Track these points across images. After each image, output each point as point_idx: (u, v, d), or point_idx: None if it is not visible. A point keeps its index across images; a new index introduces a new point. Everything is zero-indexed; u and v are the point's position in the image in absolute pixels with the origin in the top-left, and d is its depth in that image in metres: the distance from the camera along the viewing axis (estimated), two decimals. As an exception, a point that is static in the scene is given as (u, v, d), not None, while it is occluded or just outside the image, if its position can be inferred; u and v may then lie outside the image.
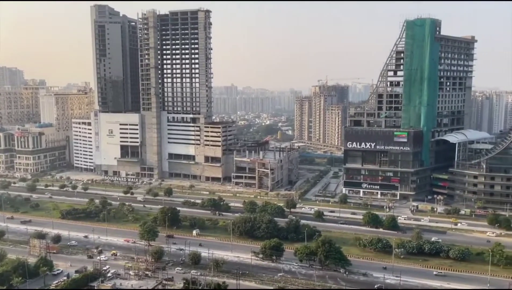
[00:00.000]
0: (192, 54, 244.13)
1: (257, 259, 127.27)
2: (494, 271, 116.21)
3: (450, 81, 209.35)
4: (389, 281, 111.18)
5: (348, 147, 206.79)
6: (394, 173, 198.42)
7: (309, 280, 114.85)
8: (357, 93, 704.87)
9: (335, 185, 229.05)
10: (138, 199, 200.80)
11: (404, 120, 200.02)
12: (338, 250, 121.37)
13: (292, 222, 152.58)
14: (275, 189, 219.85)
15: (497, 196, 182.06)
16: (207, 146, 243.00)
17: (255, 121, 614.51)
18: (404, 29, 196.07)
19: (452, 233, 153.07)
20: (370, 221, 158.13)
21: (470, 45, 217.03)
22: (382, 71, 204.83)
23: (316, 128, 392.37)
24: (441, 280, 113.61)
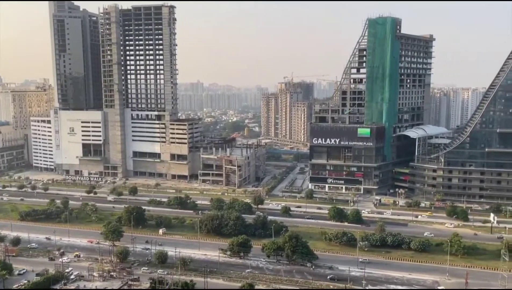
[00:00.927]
0: (157, 50, 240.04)
1: (225, 256, 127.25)
2: (452, 261, 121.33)
3: (410, 78, 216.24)
4: (354, 273, 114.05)
5: (314, 143, 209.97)
6: (358, 168, 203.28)
7: (276, 275, 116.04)
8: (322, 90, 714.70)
9: (301, 181, 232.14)
10: (108, 199, 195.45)
11: (367, 116, 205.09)
12: (305, 245, 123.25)
13: (260, 218, 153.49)
14: (243, 185, 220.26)
15: (455, 188, 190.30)
16: (173, 143, 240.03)
17: (221, 118, 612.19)
18: (367, 28, 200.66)
19: (413, 225, 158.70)
20: (336, 215, 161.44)
21: (429, 44, 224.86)
22: (346, 69, 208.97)
23: (282, 124, 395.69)
24: (404, 271, 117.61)
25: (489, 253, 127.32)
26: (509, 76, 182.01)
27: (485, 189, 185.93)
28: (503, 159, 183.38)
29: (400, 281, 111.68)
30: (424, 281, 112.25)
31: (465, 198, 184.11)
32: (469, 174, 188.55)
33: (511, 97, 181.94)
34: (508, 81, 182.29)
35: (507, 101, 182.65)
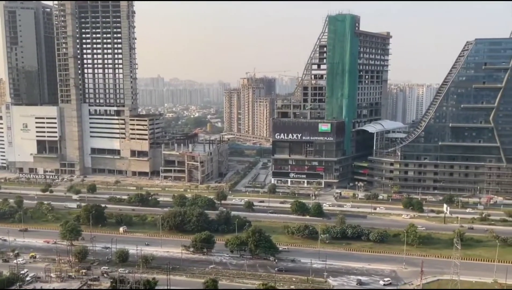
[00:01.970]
0: (115, 44, 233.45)
1: (187, 253, 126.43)
2: (409, 251, 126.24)
3: (368, 74, 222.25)
4: (315, 265, 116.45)
5: (276, 138, 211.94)
6: (319, 162, 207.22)
7: (240, 270, 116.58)
8: (284, 85, 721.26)
9: (264, 176, 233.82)
10: (74, 198, 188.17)
11: (328, 112, 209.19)
12: (268, 239, 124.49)
13: (223, 214, 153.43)
14: (205, 181, 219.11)
15: (411, 181, 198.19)
16: (133, 139, 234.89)
17: (183, 114, 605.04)
18: (327, 24, 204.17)
19: (372, 217, 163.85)
20: (298, 209, 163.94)
21: (386, 41, 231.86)
22: (307, 65, 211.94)
23: (245, 120, 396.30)
24: (363, 262, 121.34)
25: (442, 242, 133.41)
26: (461, 73, 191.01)
27: (439, 181, 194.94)
28: (455, 152, 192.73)
29: (360, 272, 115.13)
30: (382, 270, 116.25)
31: (420, 190, 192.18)
32: (423, 167, 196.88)
33: (462, 93, 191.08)
34: (459, 78, 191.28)
35: (458, 97, 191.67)
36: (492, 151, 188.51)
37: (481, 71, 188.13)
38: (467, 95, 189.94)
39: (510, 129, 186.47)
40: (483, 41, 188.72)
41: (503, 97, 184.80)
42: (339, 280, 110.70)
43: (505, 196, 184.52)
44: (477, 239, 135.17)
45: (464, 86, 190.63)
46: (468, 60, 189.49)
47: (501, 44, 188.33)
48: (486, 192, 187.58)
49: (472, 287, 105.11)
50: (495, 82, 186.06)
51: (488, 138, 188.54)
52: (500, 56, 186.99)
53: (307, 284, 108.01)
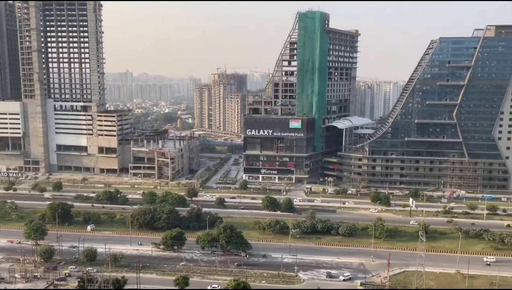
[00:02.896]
0: (81, 38, 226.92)
1: (158, 251, 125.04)
2: (376, 244, 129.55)
3: (337, 71, 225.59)
4: (286, 260, 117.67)
5: (248, 134, 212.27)
6: (290, 158, 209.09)
7: (211, 266, 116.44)
8: (255, 81, 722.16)
9: (235, 172, 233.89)
10: (46, 196, 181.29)
11: (298, 108, 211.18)
12: (239, 235, 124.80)
13: (194, 210, 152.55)
14: (176, 178, 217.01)
15: (378, 176, 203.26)
16: (101, 136, 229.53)
17: (153, 110, 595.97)
18: (297, 21, 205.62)
19: (341, 211, 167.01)
20: (269, 204, 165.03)
21: (355, 38, 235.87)
22: (278, 61, 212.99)
23: (216, 116, 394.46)
24: (333, 255, 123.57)
25: (408, 235, 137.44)
26: (426, 71, 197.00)
27: (405, 176, 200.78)
28: (421, 147, 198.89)
29: (329, 265, 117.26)
30: (351, 263, 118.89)
31: (387, 184, 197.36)
32: (390, 162, 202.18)
33: (427, 90, 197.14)
34: (424, 76, 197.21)
35: (424, 94, 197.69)
36: (455, 146, 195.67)
37: (445, 69, 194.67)
38: (432, 92, 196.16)
39: (472, 125, 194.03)
40: (447, 40, 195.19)
41: (466, 94, 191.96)
42: (310, 274, 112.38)
43: (467, 189, 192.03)
44: (441, 232, 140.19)
45: (429, 84, 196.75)
46: (433, 58, 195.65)
47: (463, 43, 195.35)
48: (450, 186, 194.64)
49: (436, 278, 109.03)
50: (458, 80, 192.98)
51: (451, 133, 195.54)
52: (463, 55, 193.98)
53: (278, 279, 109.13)
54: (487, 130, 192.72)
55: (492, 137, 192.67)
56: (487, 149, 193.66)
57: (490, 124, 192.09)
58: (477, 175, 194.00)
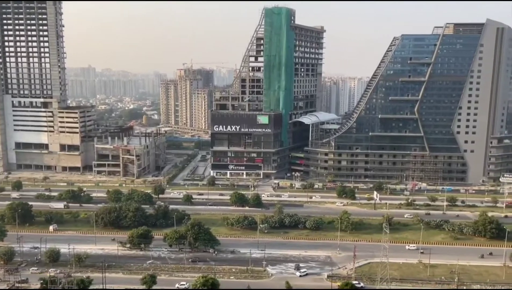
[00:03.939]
0: (40, 31, 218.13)
1: (124, 249, 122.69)
2: (342, 236, 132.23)
3: (304, 67, 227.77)
4: (255, 255, 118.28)
5: (215, 130, 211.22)
6: (257, 154, 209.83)
7: (179, 264, 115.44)
8: (222, 77, 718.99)
9: (203, 168, 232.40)
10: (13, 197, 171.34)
11: (266, 104, 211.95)
12: (207, 231, 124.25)
13: (161, 208, 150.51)
14: (142, 176, 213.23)
15: (344, 170, 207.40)
16: (63, 133, 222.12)
17: (117, 106, 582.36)
18: (263, 17, 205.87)
19: (308, 206, 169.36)
20: (237, 200, 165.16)
21: (320, 35, 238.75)
22: (244, 57, 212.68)
23: (182, 112, 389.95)
24: (300, 249, 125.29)
25: (373, 227, 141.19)
26: (389, 67, 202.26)
27: (369, 170, 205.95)
28: (384, 142, 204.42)
29: (297, 259, 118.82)
30: (318, 257, 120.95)
31: (352, 178, 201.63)
32: (355, 156, 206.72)
33: (390, 86, 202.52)
34: (387, 72, 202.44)
35: (387, 90, 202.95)
36: (416, 140, 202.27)
37: (407, 66, 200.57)
38: (395, 88, 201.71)
39: (432, 120, 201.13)
40: (408, 37, 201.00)
41: (426, 90, 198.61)
42: (278, 268, 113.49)
43: (428, 182, 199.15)
44: (404, 223, 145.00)
45: (391, 80, 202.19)
46: (395, 55, 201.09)
47: (424, 40, 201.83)
48: (412, 179, 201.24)
49: (399, 268, 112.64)
50: (419, 76, 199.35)
51: (413, 128, 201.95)
52: (423, 52, 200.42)
53: (247, 274, 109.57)
54: (447, 124, 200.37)
55: (451, 131, 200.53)
56: (446, 143, 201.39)
57: (449, 119, 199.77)
58: (437, 168, 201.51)
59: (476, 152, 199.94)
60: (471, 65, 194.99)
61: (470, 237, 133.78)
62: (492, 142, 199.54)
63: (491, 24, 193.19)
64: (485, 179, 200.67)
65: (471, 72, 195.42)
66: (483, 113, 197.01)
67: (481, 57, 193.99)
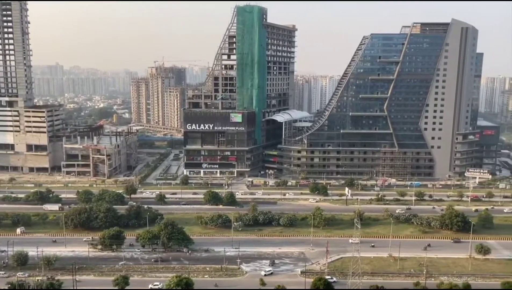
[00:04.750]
0: (5, 28, 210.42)
1: (95, 251, 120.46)
2: (315, 232, 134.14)
3: (276, 65, 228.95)
4: (229, 253, 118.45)
5: (188, 129, 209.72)
6: (231, 152, 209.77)
7: (152, 264, 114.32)
8: (194, 75, 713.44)
9: (176, 167, 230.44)
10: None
11: (239, 102, 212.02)
12: (181, 231, 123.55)
13: (133, 208, 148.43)
14: (113, 176, 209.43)
15: (316, 167, 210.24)
16: (29, 133, 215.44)
17: (86, 104, 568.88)
18: (235, 15, 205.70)
19: (282, 203, 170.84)
20: (211, 199, 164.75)
21: (292, 33, 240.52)
22: (217, 55, 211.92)
23: (154, 110, 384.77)
24: (274, 246, 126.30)
25: (345, 223, 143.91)
26: (359, 66, 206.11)
27: (341, 166, 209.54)
28: (355, 139, 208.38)
29: (271, 256, 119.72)
30: (291, 253, 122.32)
31: (325, 175, 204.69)
32: (327, 153, 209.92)
33: (361, 84, 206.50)
34: (358, 70, 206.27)
35: (357, 88, 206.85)
36: (386, 137, 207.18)
37: (376, 64, 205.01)
38: (365, 86, 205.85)
39: (401, 117, 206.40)
40: (377, 36, 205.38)
41: (395, 88, 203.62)
42: (252, 265, 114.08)
43: (397, 178, 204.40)
44: (374, 218, 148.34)
45: (361, 78, 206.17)
46: (365, 53, 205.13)
47: (392, 39, 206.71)
48: (382, 175, 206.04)
49: (370, 262, 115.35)
50: (388, 74, 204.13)
51: (382, 125, 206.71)
52: (392, 50, 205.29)
53: (221, 272, 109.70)
54: (414, 121, 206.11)
55: (419, 128, 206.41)
56: (414, 139, 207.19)
57: (417, 116, 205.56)
58: (406, 164, 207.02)
59: (442, 148, 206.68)
60: (437, 64, 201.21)
61: (437, 230, 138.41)
62: (457, 138, 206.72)
63: (456, 24, 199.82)
64: (451, 174, 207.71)
65: (437, 71, 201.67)
66: (448, 110, 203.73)
67: (447, 56, 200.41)
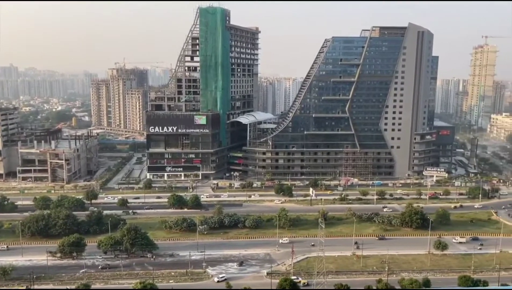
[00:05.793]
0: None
1: (54, 259, 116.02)
2: (281, 233, 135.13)
3: (240, 67, 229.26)
4: (194, 257, 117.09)
5: (151, 131, 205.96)
6: (196, 155, 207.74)
7: (115, 271, 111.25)
8: (157, 77, 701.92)
9: (139, 171, 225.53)
10: None
11: (203, 104, 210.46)
12: (145, 236, 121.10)
13: (94, 214, 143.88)
14: (73, 181, 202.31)
15: (281, 168, 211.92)
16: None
17: (43, 107, 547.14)
18: (198, 16, 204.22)
19: (248, 205, 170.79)
20: (175, 202, 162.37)
21: (255, 36, 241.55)
22: (180, 56, 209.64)
23: (116, 113, 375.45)
24: (240, 248, 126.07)
25: (310, 223, 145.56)
26: (321, 68, 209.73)
27: (305, 167, 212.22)
28: (318, 140, 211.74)
29: (237, 258, 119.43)
30: (257, 255, 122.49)
31: (289, 176, 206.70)
32: (292, 154, 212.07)
33: (323, 86, 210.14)
34: (320, 72, 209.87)
35: (320, 90, 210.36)
36: (348, 138, 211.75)
37: (338, 66, 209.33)
38: (327, 88, 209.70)
39: (362, 118, 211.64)
40: (339, 39, 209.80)
41: (356, 90, 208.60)
42: (218, 269, 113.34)
43: (359, 177, 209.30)
44: (338, 218, 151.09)
45: (324, 80, 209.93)
46: (327, 56, 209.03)
47: (353, 42, 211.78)
48: (344, 175, 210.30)
49: (335, 261, 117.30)
50: (349, 76, 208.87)
51: (344, 126, 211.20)
52: (352, 53, 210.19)
53: (187, 277, 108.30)
54: (375, 122, 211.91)
55: (379, 129, 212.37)
56: (375, 139, 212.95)
57: (377, 117, 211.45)
58: (367, 164, 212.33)
59: (401, 147, 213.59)
60: (396, 66, 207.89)
61: (398, 228, 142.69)
62: (415, 138, 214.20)
63: (413, 28, 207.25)
64: (410, 173, 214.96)
65: (395, 73, 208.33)
66: (407, 111, 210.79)
67: (404, 59, 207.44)
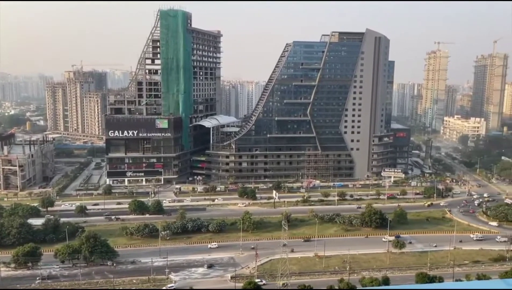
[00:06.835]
0: None
1: (8, 270, 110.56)
2: (245, 236, 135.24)
3: (202, 71, 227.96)
4: (157, 263, 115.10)
5: (110, 136, 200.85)
6: (157, 159, 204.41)
7: (73, 280, 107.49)
8: (116, 80, 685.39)
9: (98, 177, 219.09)
10: None
11: (165, 107, 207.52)
12: (105, 243, 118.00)
13: (50, 222, 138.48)
14: (27, 188, 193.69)
15: (245, 171, 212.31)
16: None
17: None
18: (159, 19, 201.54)
19: (211, 209, 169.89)
20: (136, 208, 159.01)
21: (217, 39, 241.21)
22: (140, 59, 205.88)
23: (73, 117, 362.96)
24: (204, 253, 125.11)
25: (273, 225, 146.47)
26: (283, 72, 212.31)
27: (268, 170, 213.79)
28: (281, 143, 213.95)
29: (201, 263, 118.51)
30: (221, 259, 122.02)
31: (253, 179, 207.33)
32: (255, 157, 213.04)
33: (285, 90, 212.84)
34: (282, 76, 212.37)
35: (282, 93, 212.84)
36: (310, 140, 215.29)
37: (299, 70, 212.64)
38: (289, 92, 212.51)
39: (323, 121, 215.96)
40: (299, 43, 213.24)
41: (317, 94, 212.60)
42: (181, 274, 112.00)
43: (321, 179, 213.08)
44: (301, 219, 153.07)
45: (286, 84, 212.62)
46: (289, 60, 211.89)
47: (313, 47, 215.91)
48: (307, 177, 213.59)
49: (298, 262, 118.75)
50: (310, 80, 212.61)
51: (306, 129, 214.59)
52: (313, 58, 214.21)
53: (149, 284, 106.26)
54: (335, 125, 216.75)
55: (339, 132, 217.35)
56: (336, 142, 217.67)
57: (337, 120, 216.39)
58: (328, 166, 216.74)
59: (361, 149, 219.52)
60: (354, 70, 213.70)
61: (358, 227, 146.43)
62: (374, 140, 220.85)
63: (370, 34, 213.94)
64: (369, 174, 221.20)
65: (354, 77, 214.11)
66: (365, 114, 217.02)
67: (363, 63, 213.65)
